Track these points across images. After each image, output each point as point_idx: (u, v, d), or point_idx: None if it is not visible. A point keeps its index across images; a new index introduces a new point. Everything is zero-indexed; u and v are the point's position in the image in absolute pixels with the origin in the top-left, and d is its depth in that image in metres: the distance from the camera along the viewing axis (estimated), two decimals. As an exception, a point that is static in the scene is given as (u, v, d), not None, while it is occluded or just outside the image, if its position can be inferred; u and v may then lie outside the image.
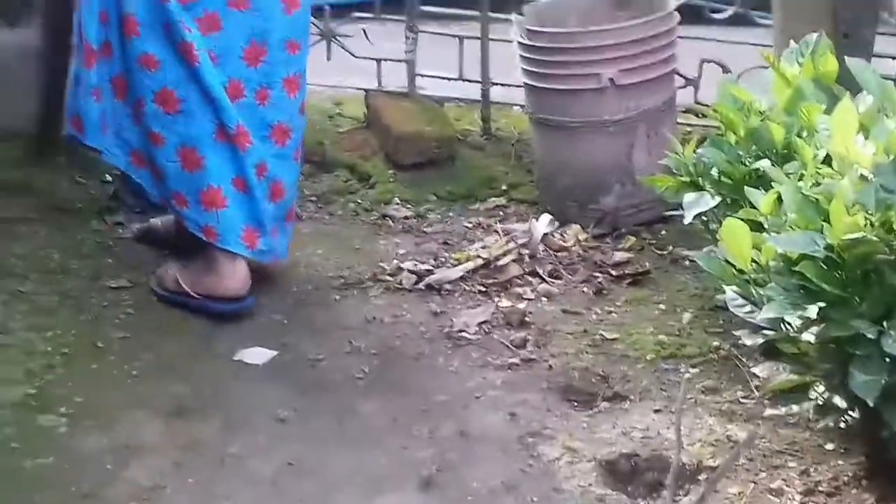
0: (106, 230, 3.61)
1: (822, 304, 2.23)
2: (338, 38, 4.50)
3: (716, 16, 4.25)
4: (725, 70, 4.16)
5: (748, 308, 2.53)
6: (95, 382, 2.88)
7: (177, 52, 3.00)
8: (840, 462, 2.53)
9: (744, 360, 2.93)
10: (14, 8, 4.26)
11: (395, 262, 3.52)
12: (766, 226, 2.45)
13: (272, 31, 3.06)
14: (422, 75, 4.50)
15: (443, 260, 3.52)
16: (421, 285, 3.37)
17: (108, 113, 3.11)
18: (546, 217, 3.64)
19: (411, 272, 3.42)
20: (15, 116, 4.25)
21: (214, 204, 3.09)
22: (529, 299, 3.30)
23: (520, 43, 3.78)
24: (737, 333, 2.65)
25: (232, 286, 3.16)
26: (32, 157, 3.86)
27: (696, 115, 4.31)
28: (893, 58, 4.13)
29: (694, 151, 3.06)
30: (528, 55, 3.76)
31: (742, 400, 2.80)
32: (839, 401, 2.40)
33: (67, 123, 3.19)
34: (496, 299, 3.29)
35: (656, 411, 2.76)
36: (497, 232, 3.66)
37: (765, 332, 2.48)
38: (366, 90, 4.52)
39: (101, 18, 3.04)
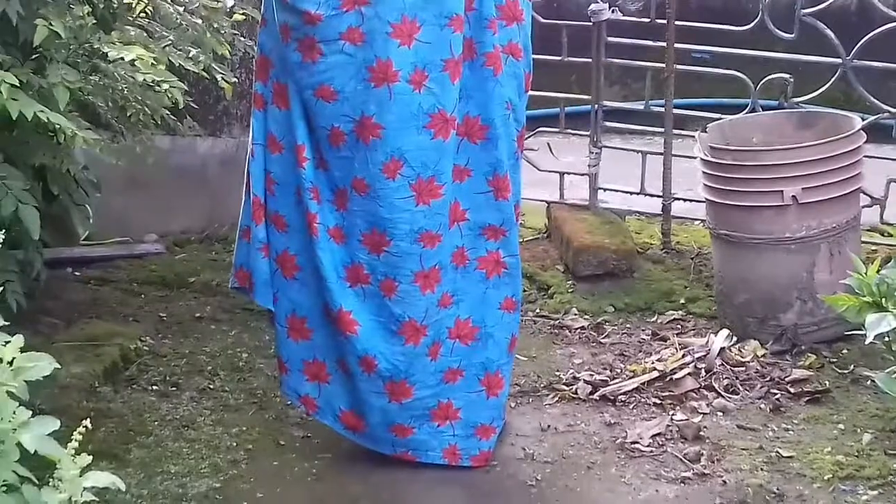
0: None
1: None
2: (523, 151, 4.59)
3: (903, 135, 4.21)
4: (913, 189, 4.12)
5: (929, 431, 2.48)
6: (277, 479, 2.97)
7: (304, 219, 2.87)
8: None
9: (926, 483, 2.86)
10: (216, 118, 4.51)
11: (571, 371, 3.55)
12: (948, 348, 2.42)
13: (397, 222, 2.81)
14: (604, 189, 4.56)
15: (618, 371, 3.54)
16: (596, 395, 3.39)
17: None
18: (724, 332, 3.64)
19: (587, 382, 3.45)
20: (214, 221, 4.49)
21: (318, 377, 2.98)
22: (705, 413, 3.29)
23: (703, 159, 3.81)
24: (918, 457, 2.60)
25: None
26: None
27: (882, 234, 4.25)
28: None
29: (877, 272, 3.04)
30: (711, 171, 3.77)
31: (923, 525, 2.73)
32: None
33: (232, 274, 3.07)
34: (671, 412, 3.28)
35: (832, 533, 2.72)
36: (674, 345, 3.66)
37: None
38: (548, 202, 4.60)
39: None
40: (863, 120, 3.85)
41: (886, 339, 3.01)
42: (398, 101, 2.75)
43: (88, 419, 1.91)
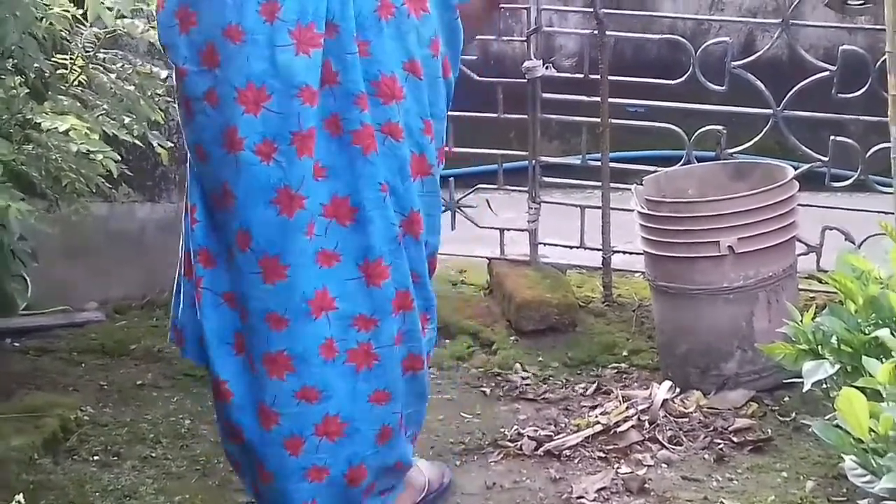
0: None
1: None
2: (463, 208, 4.62)
3: (835, 184, 4.26)
4: (847, 237, 4.17)
5: (868, 478, 2.49)
6: (220, 547, 2.95)
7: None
8: None
9: (868, 530, 2.87)
10: (154, 184, 4.50)
11: (516, 427, 3.54)
12: (884, 395, 2.44)
13: (248, 297, 2.66)
14: (544, 244, 4.58)
15: (563, 426, 3.53)
16: (541, 451, 3.39)
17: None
18: (667, 383, 3.66)
19: (531, 438, 3.44)
20: (154, 287, 4.46)
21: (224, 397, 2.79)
22: (649, 465, 3.29)
23: (640, 212, 3.84)
24: (860, 503, 2.61)
25: None
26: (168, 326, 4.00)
27: (819, 282, 4.29)
28: None
29: (812, 319, 3.07)
30: (648, 224, 3.81)
31: (866, 571, 2.74)
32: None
33: (171, 330, 2.96)
34: (616, 465, 3.29)
35: (778, 582, 2.73)
36: (618, 398, 3.67)
37: (885, 502, 2.45)
38: (489, 258, 4.62)
39: None
40: (796, 169, 3.91)
41: (824, 386, 3.03)
42: (245, 171, 2.58)
43: (23, 493, 1.90)
